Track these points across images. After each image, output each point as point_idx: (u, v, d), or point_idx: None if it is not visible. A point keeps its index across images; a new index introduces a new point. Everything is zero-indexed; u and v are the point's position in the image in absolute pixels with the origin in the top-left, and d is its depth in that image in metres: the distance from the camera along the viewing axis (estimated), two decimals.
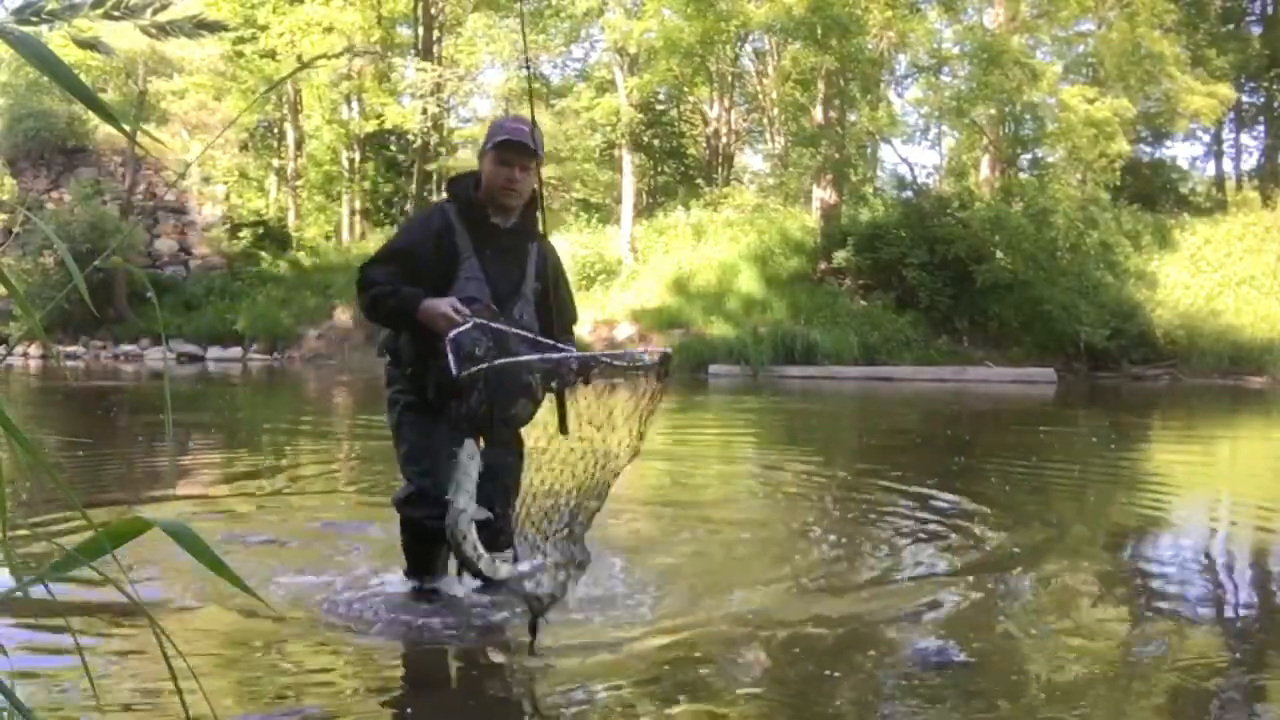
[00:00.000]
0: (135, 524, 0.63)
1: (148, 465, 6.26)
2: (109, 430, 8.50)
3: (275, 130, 26.66)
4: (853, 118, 23.04)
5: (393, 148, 27.16)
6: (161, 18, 0.82)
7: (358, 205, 25.49)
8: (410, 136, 26.07)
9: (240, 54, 23.47)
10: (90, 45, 0.97)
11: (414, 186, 26.40)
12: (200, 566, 0.85)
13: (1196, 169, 29.29)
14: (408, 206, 26.12)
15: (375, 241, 24.01)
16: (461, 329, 2.65)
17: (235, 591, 1.01)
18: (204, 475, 5.95)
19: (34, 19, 0.92)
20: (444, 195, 3.20)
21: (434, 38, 26.42)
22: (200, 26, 0.79)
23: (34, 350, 20.08)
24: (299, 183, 25.45)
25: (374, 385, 14.81)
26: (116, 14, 0.87)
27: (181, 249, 23.34)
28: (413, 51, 26.63)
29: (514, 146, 2.96)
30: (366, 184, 26.09)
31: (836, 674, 2.45)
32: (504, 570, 2.70)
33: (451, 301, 2.76)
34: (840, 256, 21.03)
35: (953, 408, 12.62)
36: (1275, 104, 28.02)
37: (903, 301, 20.30)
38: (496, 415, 2.81)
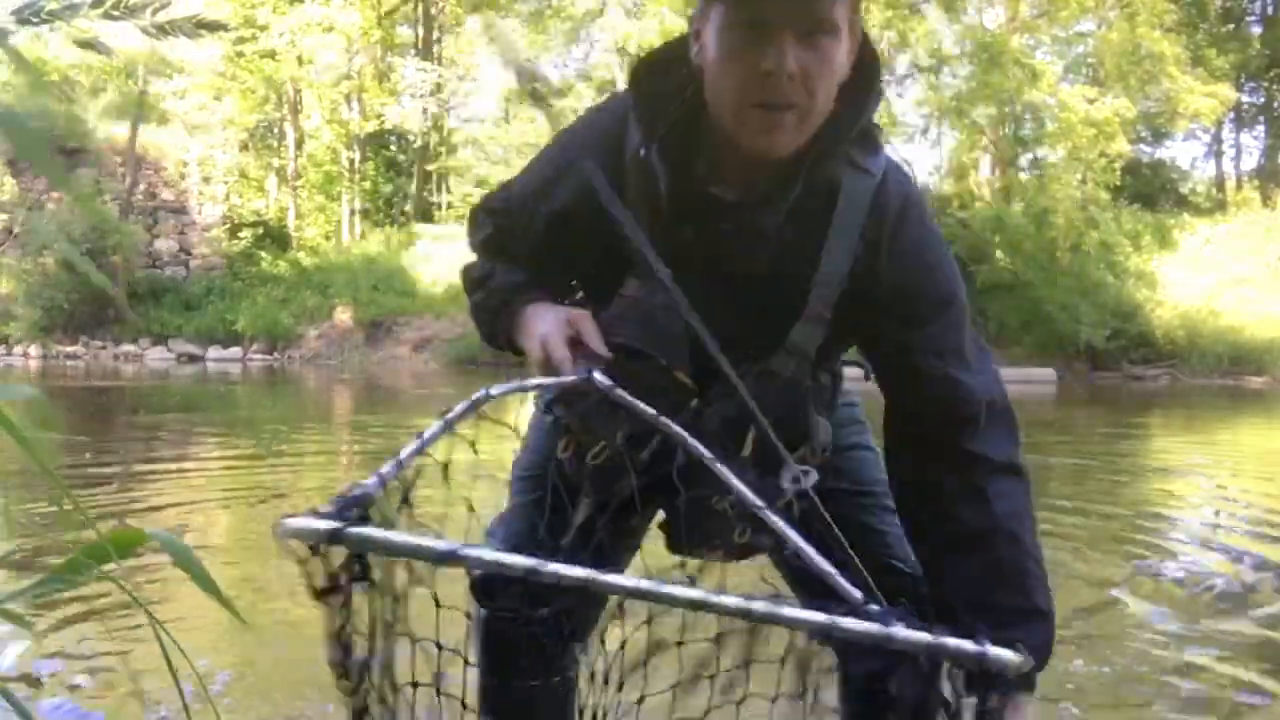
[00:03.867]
0: (132, 536, 0.63)
1: (150, 466, 6.25)
2: (112, 429, 8.50)
3: (275, 130, 26.68)
4: None
5: (393, 148, 27.17)
6: (161, 17, 0.82)
7: (358, 205, 25.51)
8: (410, 136, 26.09)
9: (240, 54, 23.50)
10: (89, 45, 0.97)
11: (414, 186, 26.44)
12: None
13: (1196, 169, 29.36)
14: (407, 207, 26.16)
15: (375, 242, 24.04)
16: (563, 379, 1.17)
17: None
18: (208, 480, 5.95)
19: (34, 19, 0.92)
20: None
21: (434, 38, 26.46)
22: (200, 26, 0.79)
23: (34, 350, 20.13)
24: (299, 183, 25.47)
25: (374, 385, 14.86)
26: (116, 14, 0.87)
27: (181, 249, 23.34)
28: (413, 51, 26.65)
29: None
30: (366, 184, 26.10)
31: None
32: None
33: (554, 322, 1.24)
34: None
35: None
36: (1275, 104, 28.05)
37: None
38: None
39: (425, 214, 25.94)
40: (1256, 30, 27.23)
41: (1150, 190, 24.89)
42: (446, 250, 20.40)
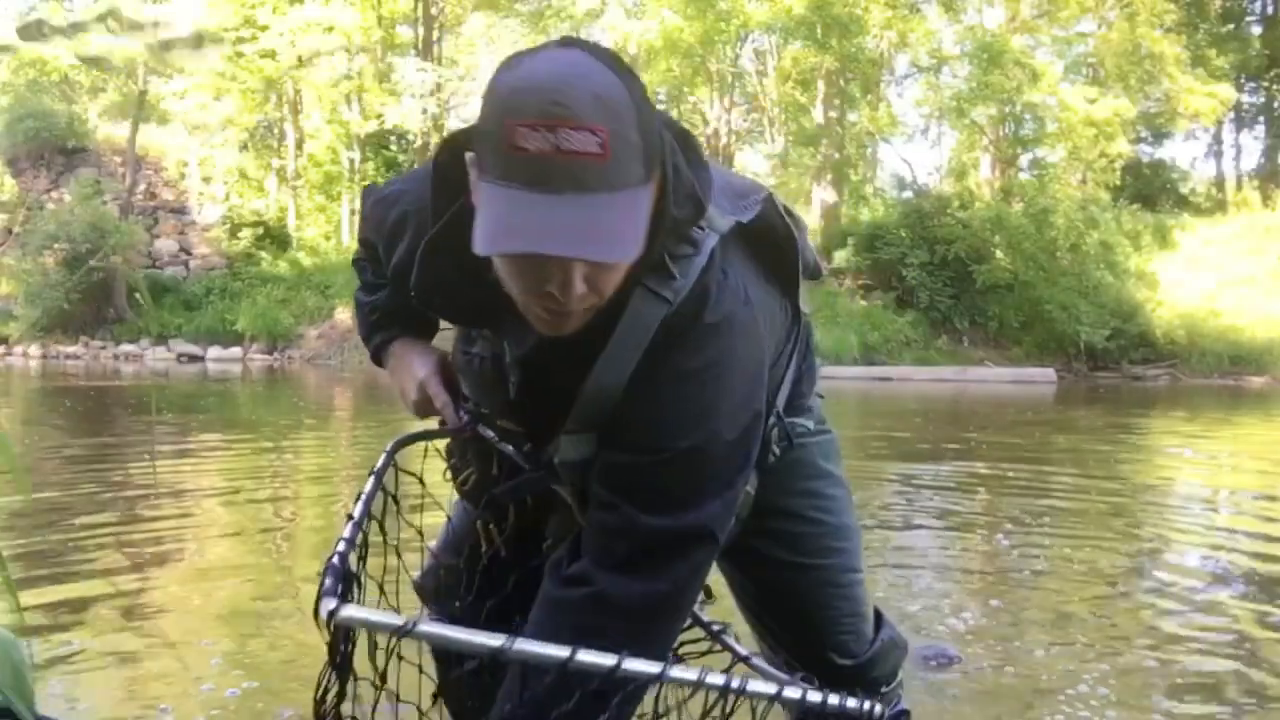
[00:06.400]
0: None
1: (151, 459, 6.25)
2: (113, 426, 8.50)
3: (275, 130, 26.66)
4: (853, 118, 23.07)
5: (393, 148, 27.15)
6: (162, 33, 0.83)
7: (358, 205, 25.48)
8: (410, 136, 26.07)
9: (240, 54, 23.47)
10: (94, 62, 0.97)
11: None
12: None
13: (1196, 169, 29.38)
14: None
15: None
16: (456, 426, 1.36)
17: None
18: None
19: (39, 37, 0.93)
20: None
21: (434, 38, 26.44)
22: (199, 39, 0.80)
23: (34, 350, 20.13)
24: (299, 183, 25.45)
25: (374, 385, 14.83)
26: (116, 28, 0.87)
27: (181, 249, 23.33)
28: (413, 51, 26.64)
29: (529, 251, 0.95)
30: (366, 184, 26.07)
31: None
32: None
33: (431, 367, 1.39)
34: (840, 256, 21.06)
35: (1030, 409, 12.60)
36: (1275, 104, 28.05)
37: (903, 301, 20.32)
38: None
39: None
40: (1256, 30, 27.26)
41: (1150, 190, 24.90)
42: None
